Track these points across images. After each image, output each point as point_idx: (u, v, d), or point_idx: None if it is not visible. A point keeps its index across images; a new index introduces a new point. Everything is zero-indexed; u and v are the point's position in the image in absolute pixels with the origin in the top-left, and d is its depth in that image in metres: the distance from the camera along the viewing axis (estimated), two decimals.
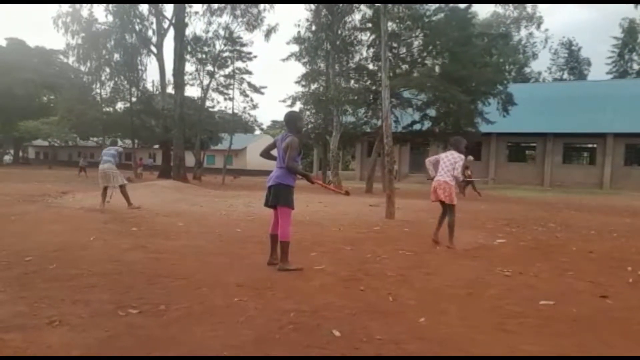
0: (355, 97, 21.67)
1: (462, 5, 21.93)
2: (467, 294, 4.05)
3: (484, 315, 3.47)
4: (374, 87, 21.62)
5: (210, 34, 29.77)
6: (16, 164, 53.99)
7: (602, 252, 6.25)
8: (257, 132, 48.51)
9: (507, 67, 45.23)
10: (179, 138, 25.82)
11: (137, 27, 29.71)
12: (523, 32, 56.08)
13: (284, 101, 26.53)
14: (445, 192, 6.28)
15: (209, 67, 30.98)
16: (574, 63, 57.72)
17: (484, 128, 23.40)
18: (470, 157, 23.02)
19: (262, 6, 27.90)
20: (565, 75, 57.61)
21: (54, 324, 2.96)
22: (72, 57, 32.15)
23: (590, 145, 34.73)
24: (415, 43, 22.60)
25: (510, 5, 41.36)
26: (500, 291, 4.15)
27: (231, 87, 31.55)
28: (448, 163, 6.30)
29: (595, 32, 78.86)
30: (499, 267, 5.07)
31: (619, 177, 31.10)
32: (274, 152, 5.02)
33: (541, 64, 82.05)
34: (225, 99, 32.66)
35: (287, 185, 4.71)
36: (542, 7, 54.05)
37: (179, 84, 26.43)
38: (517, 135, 34.21)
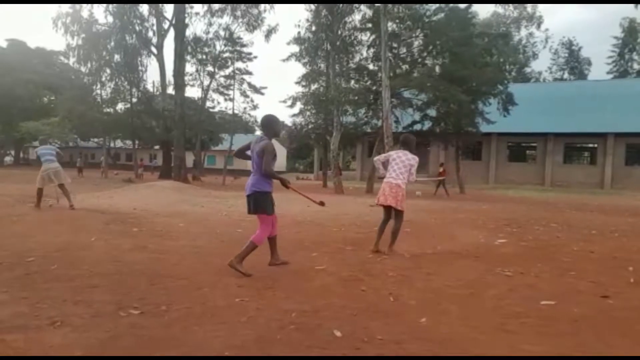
0: (356, 98, 21.67)
1: (462, 5, 21.96)
2: (468, 294, 4.05)
3: (485, 315, 3.47)
4: (374, 87, 21.65)
5: (210, 35, 29.88)
6: (17, 164, 54.01)
7: (603, 252, 6.24)
8: (258, 132, 48.57)
9: (507, 67, 45.22)
10: (180, 139, 25.87)
11: (137, 28, 29.77)
12: (523, 32, 56.23)
13: (284, 101, 26.54)
14: (397, 196, 5.59)
15: (209, 68, 31.08)
16: (574, 63, 57.78)
17: (484, 128, 23.42)
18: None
19: (262, 7, 27.97)
20: (566, 75, 57.69)
21: (56, 324, 2.97)
22: (73, 58, 32.23)
23: (591, 145, 34.74)
24: (416, 43, 22.64)
25: (510, 5, 41.35)
26: (501, 291, 4.15)
27: (231, 87, 31.63)
28: (402, 165, 5.69)
29: (595, 31, 78.96)
30: (500, 267, 5.06)
31: (620, 177, 31.10)
32: (249, 152, 4.92)
33: (541, 64, 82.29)
34: (225, 100, 32.83)
35: (264, 192, 4.62)
36: (542, 7, 54.12)
37: (180, 85, 26.48)
38: (518, 135, 34.24)
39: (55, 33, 38.06)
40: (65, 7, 29.35)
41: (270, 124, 4.78)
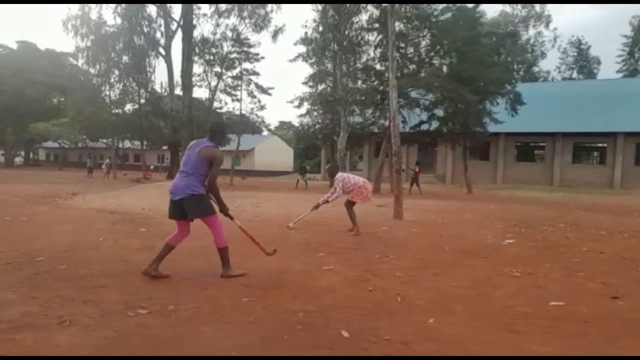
0: (363, 98, 21.64)
1: (470, 5, 21.84)
2: (476, 294, 4.03)
3: (493, 316, 3.45)
4: (381, 88, 21.58)
5: (217, 36, 29.89)
6: (27, 165, 54.58)
7: (612, 253, 6.19)
8: (265, 133, 48.75)
9: (515, 66, 45.00)
10: (187, 139, 25.95)
11: (145, 29, 29.90)
12: (531, 31, 55.86)
13: (291, 102, 26.65)
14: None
15: (217, 69, 31.08)
16: (583, 62, 57.31)
17: (492, 128, 23.27)
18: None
19: (269, 7, 27.97)
20: (575, 74, 57.22)
21: (64, 323, 2.99)
22: (82, 59, 32.35)
23: (600, 145, 34.40)
24: (423, 43, 22.55)
25: (519, 4, 41.13)
26: (509, 292, 4.12)
27: (239, 88, 31.64)
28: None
29: (604, 30, 78.28)
30: (508, 268, 5.04)
31: (630, 177, 30.75)
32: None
33: (550, 63, 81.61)
34: (232, 100, 32.75)
35: (199, 195, 4.16)
36: (550, 6, 53.75)
37: (187, 86, 26.57)
38: (526, 135, 33.97)
39: (66, 36, 38.39)
40: (75, 10, 29.60)
41: (221, 131, 4.49)
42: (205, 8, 28.80)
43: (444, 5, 21.64)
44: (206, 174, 4.22)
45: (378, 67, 22.91)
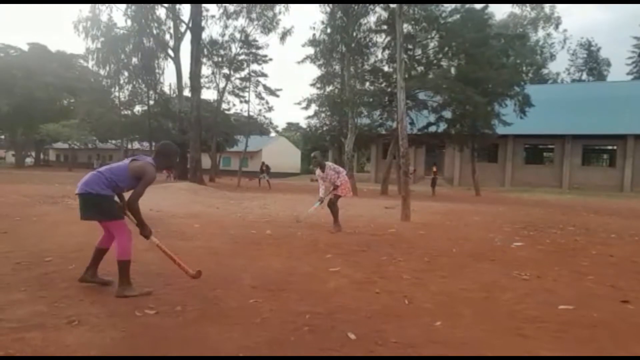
0: (371, 99, 21.64)
1: (478, 6, 21.76)
2: (484, 297, 4.01)
3: (501, 319, 3.42)
4: (389, 89, 21.58)
5: (226, 37, 30.13)
6: (37, 165, 55.12)
7: (622, 256, 6.12)
8: (273, 134, 48.85)
9: (524, 68, 44.68)
10: (196, 140, 26.06)
11: (154, 31, 30.15)
12: (541, 33, 55.50)
13: (299, 103, 26.67)
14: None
15: (225, 70, 31.31)
16: (593, 64, 56.87)
17: (500, 130, 23.20)
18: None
19: (277, 9, 28.10)
20: (584, 76, 56.77)
21: (73, 323, 3.01)
22: (92, 61, 32.71)
23: (610, 147, 34.14)
24: (431, 44, 22.52)
25: (528, 5, 40.86)
26: (517, 295, 4.09)
27: (247, 89, 31.81)
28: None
29: (615, 32, 77.61)
30: (517, 271, 5.00)
31: None
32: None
33: (559, 65, 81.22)
34: (240, 102, 32.97)
35: (98, 195, 3.62)
36: (560, 8, 53.39)
37: (196, 87, 26.66)
38: (535, 137, 33.80)
39: (77, 37, 38.78)
40: (86, 12, 29.97)
41: (168, 154, 4.01)
42: (213, 10, 29.03)
43: (452, 7, 21.60)
44: (123, 187, 3.78)
45: (386, 68, 22.91)
